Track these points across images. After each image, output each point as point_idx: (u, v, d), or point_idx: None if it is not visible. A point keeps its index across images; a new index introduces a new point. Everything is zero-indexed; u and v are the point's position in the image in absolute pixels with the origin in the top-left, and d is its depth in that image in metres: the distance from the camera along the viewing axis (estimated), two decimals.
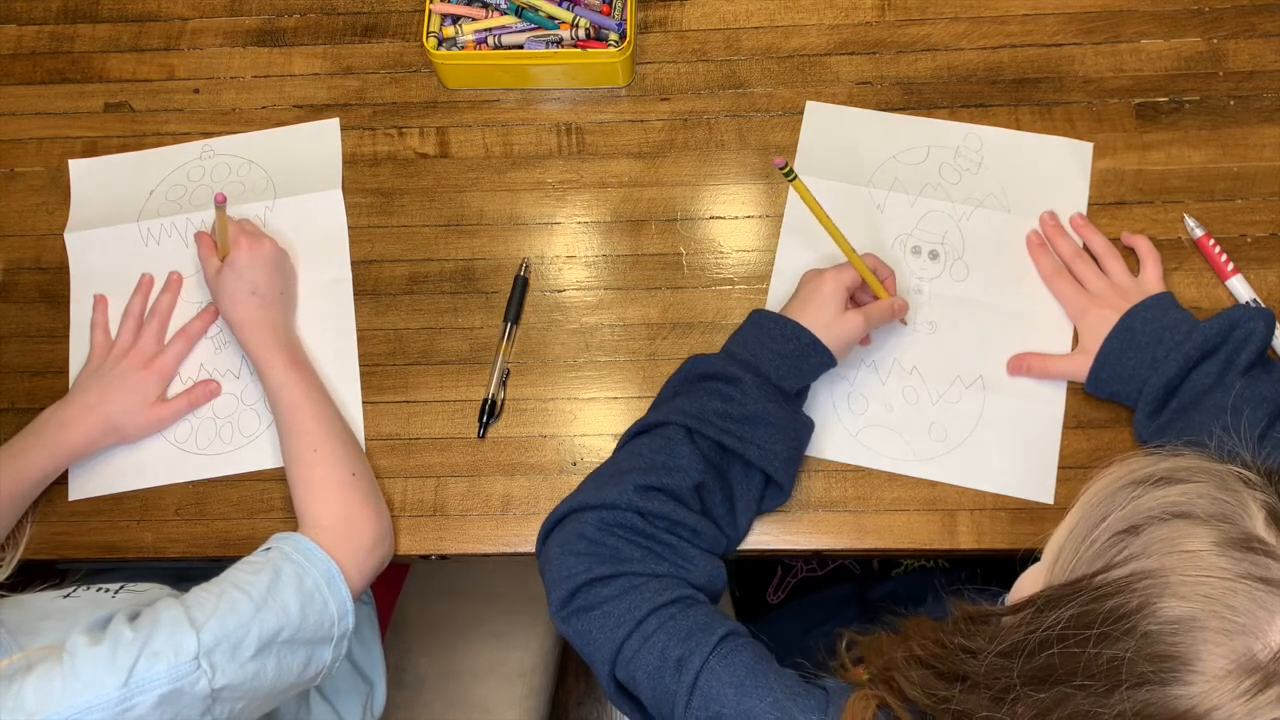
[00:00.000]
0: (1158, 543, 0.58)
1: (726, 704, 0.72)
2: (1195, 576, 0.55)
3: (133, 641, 0.71)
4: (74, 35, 1.11)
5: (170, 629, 0.73)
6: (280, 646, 0.78)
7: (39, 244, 1.04)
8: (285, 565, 0.82)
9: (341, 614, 0.83)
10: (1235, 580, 0.55)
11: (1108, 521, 0.61)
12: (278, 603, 0.79)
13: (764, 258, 1.00)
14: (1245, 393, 0.84)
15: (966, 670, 0.63)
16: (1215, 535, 0.57)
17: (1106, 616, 0.57)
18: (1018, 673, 0.60)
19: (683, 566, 0.81)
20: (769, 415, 0.86)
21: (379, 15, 1.10)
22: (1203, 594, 0.55)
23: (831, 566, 1.18)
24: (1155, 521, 0.59)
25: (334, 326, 1.00)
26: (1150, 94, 1.02)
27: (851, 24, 1.06)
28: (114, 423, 0.94)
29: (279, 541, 0.85)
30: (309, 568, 0.83)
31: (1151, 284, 0.94)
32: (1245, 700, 0.53)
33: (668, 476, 0.83)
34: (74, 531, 0.95)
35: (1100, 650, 0.56)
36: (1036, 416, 0.94)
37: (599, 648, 0.78)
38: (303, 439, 0.91)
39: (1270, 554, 0.55)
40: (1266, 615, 0.54)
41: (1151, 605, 0.56)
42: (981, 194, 1.00)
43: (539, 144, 1.05)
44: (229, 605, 0.77)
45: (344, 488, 0.89)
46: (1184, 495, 0.59)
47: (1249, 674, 0.53)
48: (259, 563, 0.82)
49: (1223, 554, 0.56)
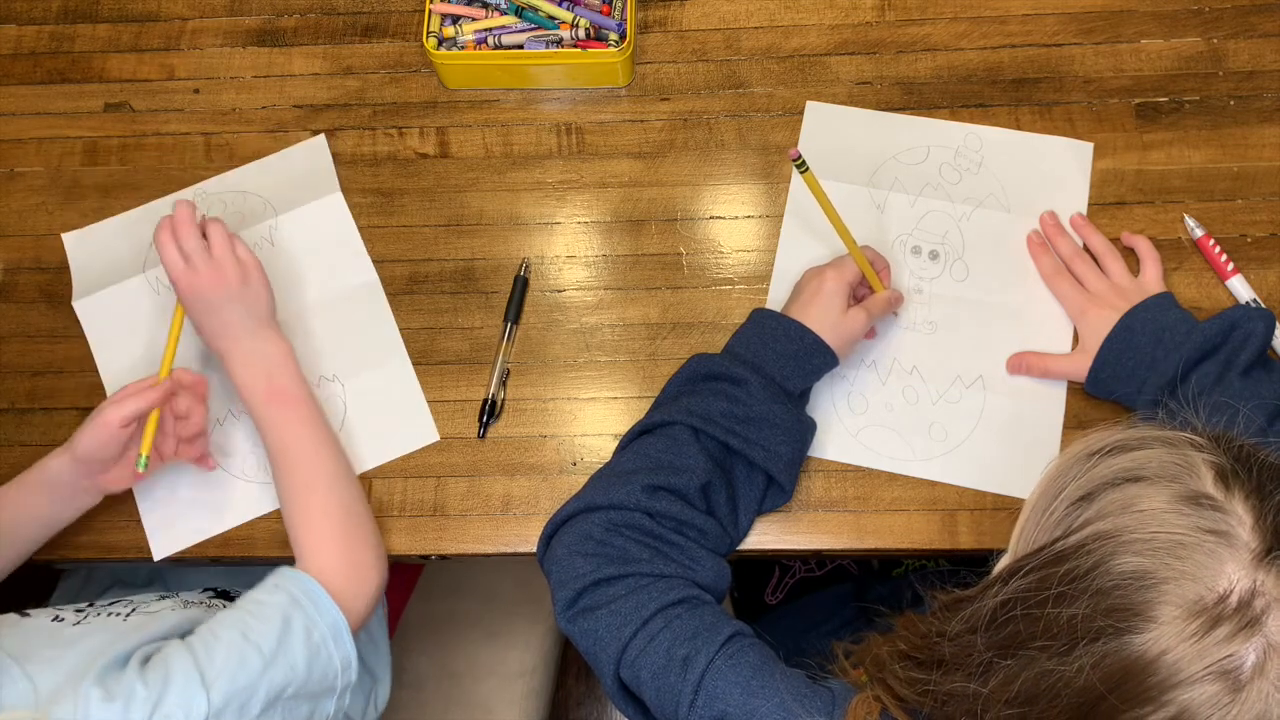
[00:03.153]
0: (1111, 505, 0.60)
1: (732, 704, 0.72)
2: (1148, 532, 0.58)
3: (145, 700, 0.71)
4: (74, 35, 1.11)
5: (182, 687, 0.73)
6: (285, 702, 0.78)
7: (39, 244, 1.04)
8: (295, 615, 0.81)
9: (345, 666, 0.83)
10: (1186, 533, 0.57)
11: (1065, 493, 0.63)
12: (286, 659, 0.78)
13: (764, 258, 1.00)
14: (1245, 393, 0.84)
15: (943, 654, 0.64)
16: (1166, 494, 0.59)
17: (1063, 577, 0.59)
18: (985, 644, 0.62)
19: (690, 567, 0.81)
20: (773, 416, 0.86)
21: (379, 15, 1.10)
22: (1154, 548, 0.57)
23: (830, 567, 1.18)
24: (1109, 487, 0.61)
25: (375, 331, 0.99)
26: (1150, 94, 1.02)
27: (851, 24, 1.06)
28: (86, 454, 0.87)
29: (288, 583, 0.83)
30: (318, 619, 0.82)
31: (1151, 284, 0.94)
32: (1194, 641, 0.55)
33: (675, 477, 0.83)
34: (74, 531, 0.95)
35: (1060, 610, 0.58)
36: (1036, 416, 0.94)
37: (604, 647, 0.78)
38: (294, 475, 0.88)
39: (1219, 508, 0.58)
40: (1215, 564, 0.56)
41: (1106, 563, 0.58)
42: (982, 194, 1.00)
43: (539, 144, 1.05)
44: (239, 661, 0.76)
45: (340, 525, 0.88)
46: (1135, 461, 0.62)
47: (1197, 616, 0.55)
48: (269, 606, 0.81)
49: (1173, 509, 0.58)
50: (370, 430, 0.97)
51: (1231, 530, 0.57)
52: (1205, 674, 0.54)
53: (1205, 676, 0.54)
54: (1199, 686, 0.54)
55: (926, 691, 0.64)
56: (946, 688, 0.63)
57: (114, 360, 1.00)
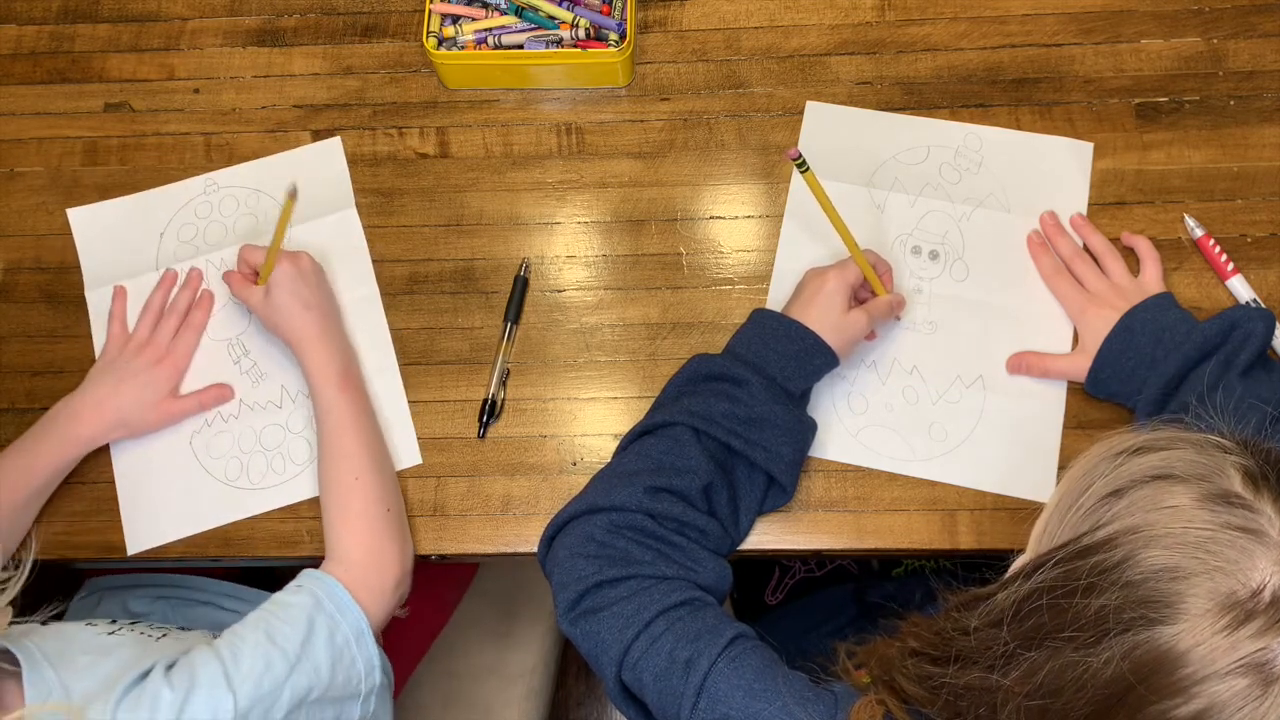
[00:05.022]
0: (1141, 501, 0.61)
1: (734, 706, 0.72)
2: (1178, 528, 0.58)
3: (171, 703, 0.71)
4: (74, 35, 1.11)
5: (208, 690, 0.73)
6: (309, 706, 0.78)
7: (39, 244, 1.04)
8: (319, 617, 0.81)
9: (369, 670, 0.83)
10: (1216, 530, 0.57)
11: (1092, 489, 0.63)
12: (310, 661, 0.78)
13: (764, 258, 1.00)
14: (1245, 393, 0.84)
15: (960, 649, 0.64)
16: (1195, 492, 0.59)
17: (1092, 569, 0.59)
18: (1009, 637, 0.61)
19: (692, 568, 0.81)
20: (775, 417, 0.86)
21: (379, 15, 1.10)
22: (1185, 543, 0.57)
23: (830, 567, 1.18)
24: (1138, 484, 0.61)
25: (370, 341, 0.99)
26: (1150, 94, 1.02)
27: (851, 24, 1.06)
28: (124, 417, 0.94)
29: (311, 584, 0.83)
30: (340, 621, 0.82)
31: (1151, 284, 0.94)
32: (1226, 635, 0.55)
33: (677, 478, 0.83)
34: (74, 531, 0.95)
35: (1089, 601, 0.58)
36: (1036, 416, 0.94)
37: (606, 649, 0.78)
38: (344, 464, 0.89)
39: (1248, 507, 0.58)
40: (1246, 559, 0.56)
41: (1136, 556, 0.58)
42: (981, 194, 1.00)
43: (539, 144, 1.05)
44: (264, 664, 0.76)
45: (378, 522, 0.88)
46: (1164, 460, 0.62)
47: (1229, 610, 0.55)
48: (294, 608, 0.81)
49: (1203, 507, 0.58)
50: None
51: (1262, 528, 0.57)
52: (1236, 668, 0.54)
53: (1236, 670, 0.54)
54: (1229, 680, 0.54)
55: (939, 687, 0.64)
56: (963, 681, 0.63)
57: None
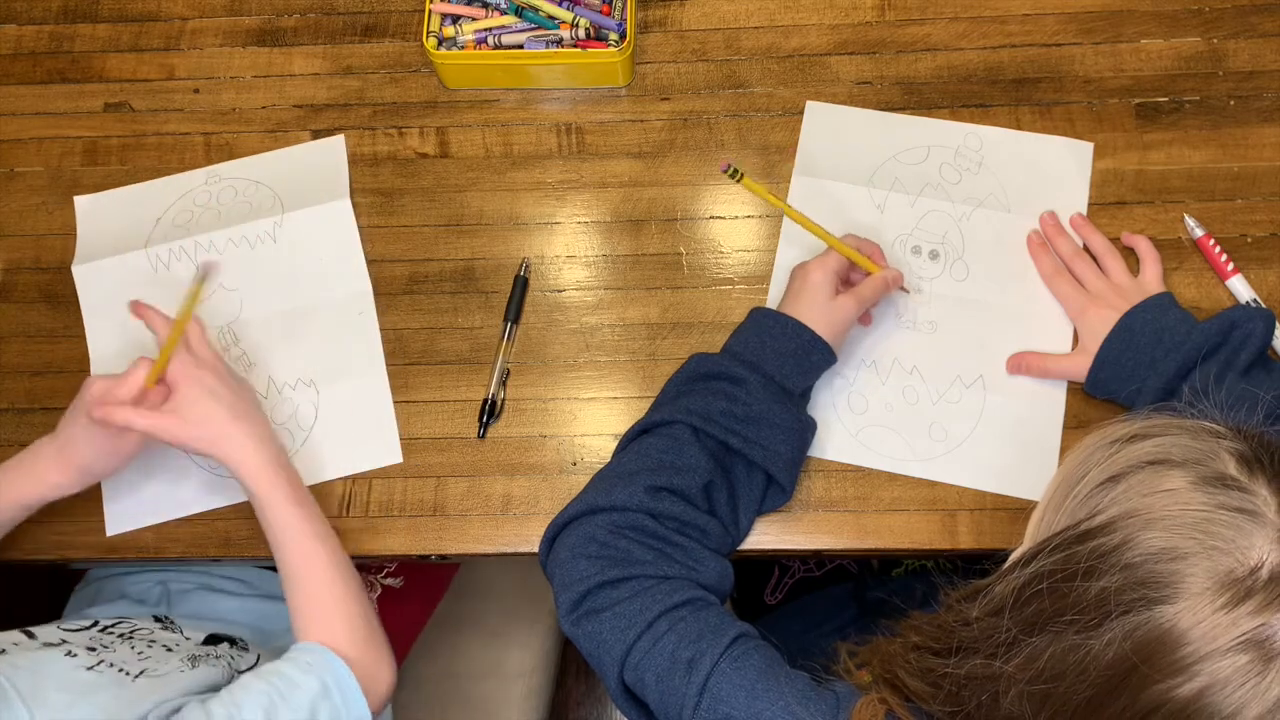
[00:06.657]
0: (1137, 486, 0.62)
1: (737, 706, 0.72)
2: (1175, 510, 0.59)
3: None
4: (74, 35, 1.11)
5: None
6: None
7: (39, 244, 1.04)
8: (323, 706, 0.78)
9: None
10: (1212, 510, 0.58)
11: (1089, 476, 0.64)
12: None
13: (764, 258, 1.00)
14: (1244, 393, 0.84)
15: (962, 640, 0.65)
16: (1191, 475, 0.60)
17: (1091, 554, 0.60)
18: (1010, 624, 0.62)
19: (693, 568, 0.81)
20: (773, 416, 0.86)
21: (379, 15, 1.10)
22: (1182, 524, 0.58)
23: (829, 567, 1.18)
24: (1134, 470, 0.62)
25: (359, 342, 0.99)
26: (1150, 94, 1.02)
27: (851, 24, 1.06)
28: (86, 467, 0.87)
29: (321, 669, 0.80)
30: (343, 714, 0.80)
31: (1151, 284, 0.94)
32: (1225, 612, 0.55)
33: (678, 477, 0.83)
34: (74, 531, 0.95)
35: (1089, 584, 0.59)
36: (1036, 416, 0.94)
37: (609, 650, 0.78)
38: (320, 590, 0.85)
39: (1242, 489, 0.59)
40: (1243, 538, 0.57)
41: (1134, 538, 0.59)
42: (981, 194, 1.00)
43: (539, 144, 1.05)
44: None
45: (364, 634, 0.85)
46: (1159, 446, 0.63)
47: (1228, 588, 0.56)
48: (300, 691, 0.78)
49: (1199, 490, 0.59)
50: (335, 440, 0.97)
51: (1258, 509, 0.58)
52: (1236, 645, 0.55)
53: (1236, 647, 0.55)
54: (1230, 657, 0.55)
55: (941, 679, 0.65)
56: (965, 670, 0.63)
57: (102, 330, 1.01)
